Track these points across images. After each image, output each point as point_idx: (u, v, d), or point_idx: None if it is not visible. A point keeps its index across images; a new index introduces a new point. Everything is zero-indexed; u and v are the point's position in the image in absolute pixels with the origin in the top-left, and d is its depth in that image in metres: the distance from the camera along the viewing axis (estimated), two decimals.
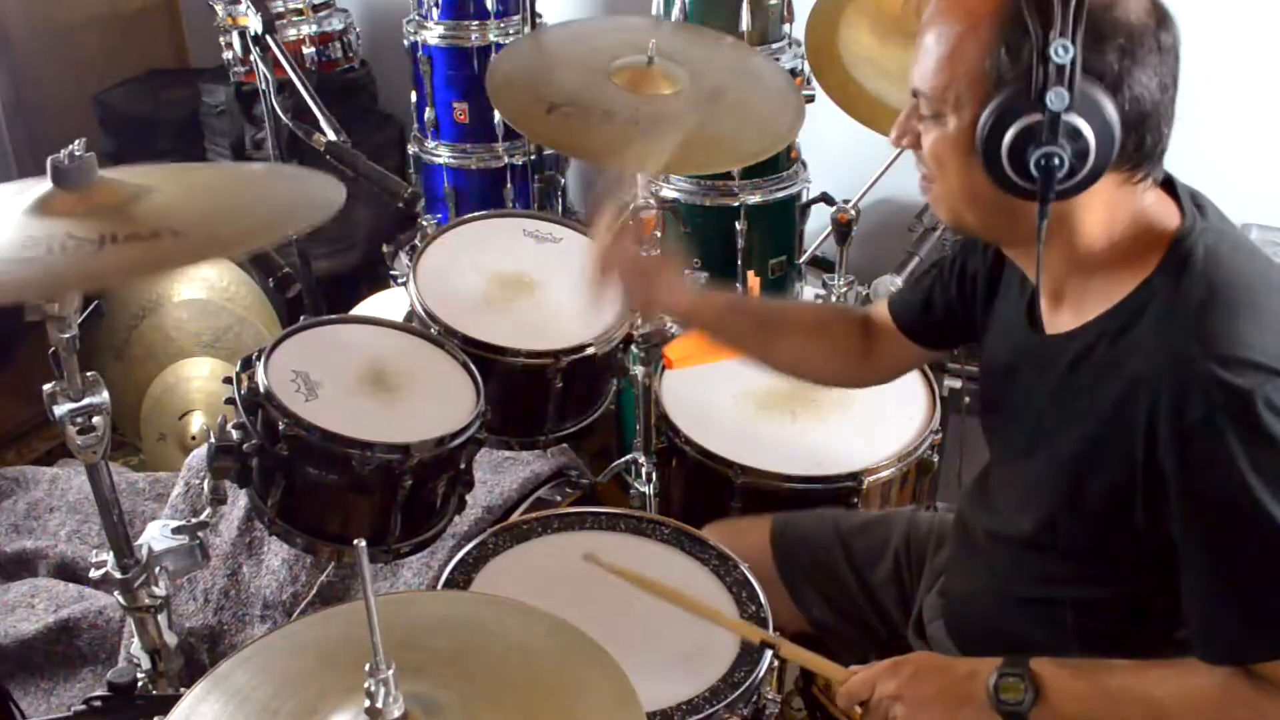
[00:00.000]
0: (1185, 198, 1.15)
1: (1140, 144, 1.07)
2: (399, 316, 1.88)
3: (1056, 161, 1.03)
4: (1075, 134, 1.02)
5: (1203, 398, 1.03)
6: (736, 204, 2.56)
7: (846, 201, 2.27)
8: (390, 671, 0.84)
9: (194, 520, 1.61)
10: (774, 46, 2.55)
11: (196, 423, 2.75)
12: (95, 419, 1.36)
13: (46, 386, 1.35)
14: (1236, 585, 1.08)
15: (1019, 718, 1.17)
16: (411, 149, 3.12)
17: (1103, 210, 1.12)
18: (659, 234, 2.37)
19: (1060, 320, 1.20)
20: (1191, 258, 1.10)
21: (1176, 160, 1.18)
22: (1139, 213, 1.13)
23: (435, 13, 2.89)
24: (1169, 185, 1.17)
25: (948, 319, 1.45)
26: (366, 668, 0.85)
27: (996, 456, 1.39)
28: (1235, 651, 1.10)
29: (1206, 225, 1.12)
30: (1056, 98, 1.01)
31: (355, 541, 0.86)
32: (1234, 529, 1.06)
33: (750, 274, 2.16)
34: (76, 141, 1.19)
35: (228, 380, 1.61)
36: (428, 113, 3.00)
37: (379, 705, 0.84)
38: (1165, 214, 1.14)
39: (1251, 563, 1.07)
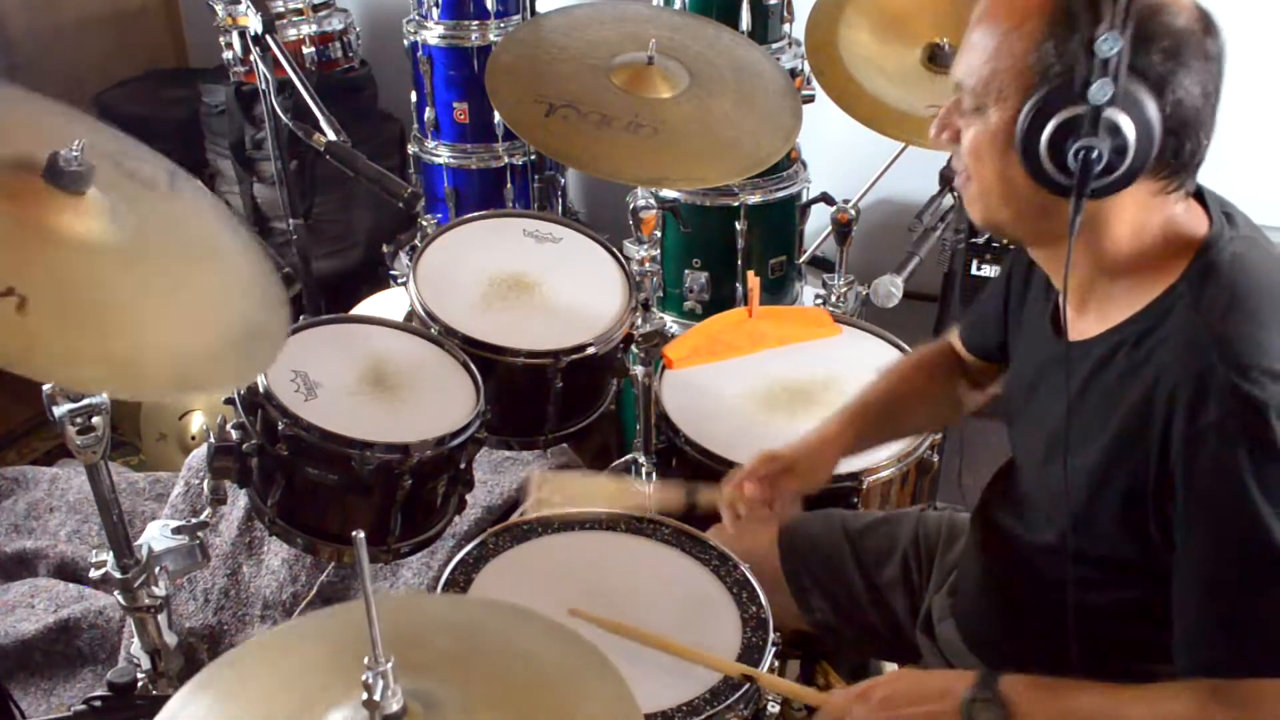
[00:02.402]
0: (1215, 207, 1.14)
1: (1179, 150, 1.07)
2: (399, 316, 1.88)
3: (1095, 155, 1.03)
4: (1116, 130, 1.02)
5: (1218, 405, 1.02)
6: (736, 204, 2.56)
7: (846, 201, 2.27)
8: (389, 665, 0.84)
9: (194, 520, 1.61)
10: (774, 46, 2.55)
11: (196, 423, 2.75)
12: (95, 419, 1.36)
13: (46, 386, 1.35)
14: (1223, 596, 1.08)
15: None
16: (411, 149, 3.12)
17: (1133, 217, 1.11)
18: (659, 234, 2.37)
19: (1084, 326, 1.19)
20: (1217, 264, 1.09)
21: None
22: (1168, 221, 1.13)
23: (435, 13, 2.89)
24: (1198, 194, 1.16)
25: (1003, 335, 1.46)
26: (365, 661, 0.84)
27: (1019, 460, 1.39)
28: (1212, 664, 1.08)
29: (1235, 234, 1.12)
30: (1100, 90, 1.01)
31: (354, 533, 0.86)
32: (1230, 539, 1.05)
33: (750, 274, 2.15)
34: (76, 141, 1.19)
35: None
36: (428, 113, 3.00)
37: (377, 698, 0.84)
38: (1194, 222, 1.14)
39: (1242, 576, 1.06)
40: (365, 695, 0.84)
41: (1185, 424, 1.04)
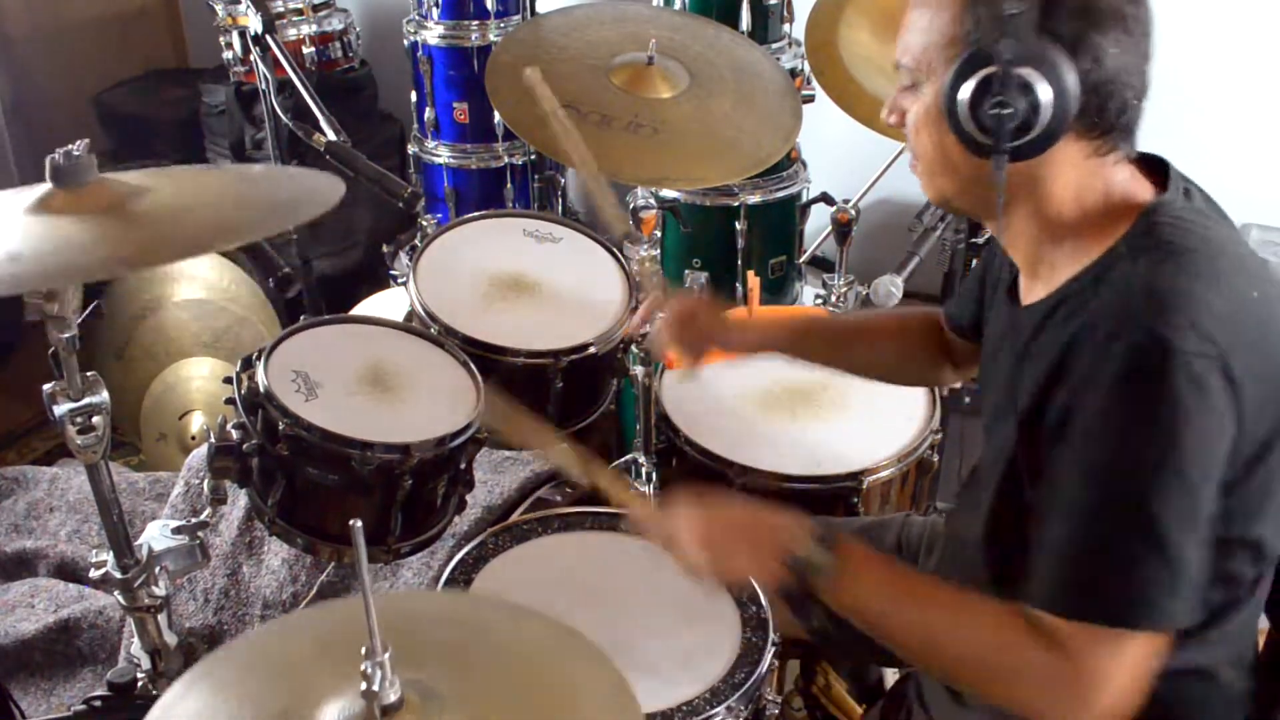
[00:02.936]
0: (1176, 182, 1.15)
1: (1103, 109, 1.08)
2: (399, 316, 1.88)
3: (1008, 112, 1.06)
4: (1028, 87, 1.05)
5: (1128, 344, 1.02)
6: (736, 204, 2.56)
7: (846, 201, 2.27)
8: (386, 655, 0.84)
9: (194, 520, 1.61)
10: (774, 46, 2.55)
11: (196, 423, 2.75)
12: (95, 419, 1.36)
13: (46, 386, 1.35)
14: (1077, 534, 1.06)
15: (808, 583, 1.16)
16: (411, 149, 3.13)
17: (1072, 180, 1.13)
18: (659, 234, 2.37)
19: (1034, 292, 1.20)
20: (1158, 225, 1.10)
21: (1173, 161, 1.19)
22: (1112, 187, 1.14)
23: (435, 13, 2.90)
24: (1162, 172, 1.17)
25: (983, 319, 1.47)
26: (363, 650, 0.84)
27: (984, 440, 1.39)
28: (1046, 596, 1.07)
29: (1187, 205, 1.12)
30: (1005, 48, 1.05)
31: (351, 522, 0.85)
32: (1099, 480, 1.04)
33: (750, 274, 2.15)
34: (78, 142, 1.19)
35: (228, 380, 1.61)
36: (428, 113, 3.00)
37: (375, 688, 0.84)
38: (1139, 189, 1.15)
39: (1100, 518, 1.05)
40: (364, 685, 0.85)
41: (1091, 359, 1.04)
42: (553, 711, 0.94)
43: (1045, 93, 1.05)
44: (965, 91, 1.08)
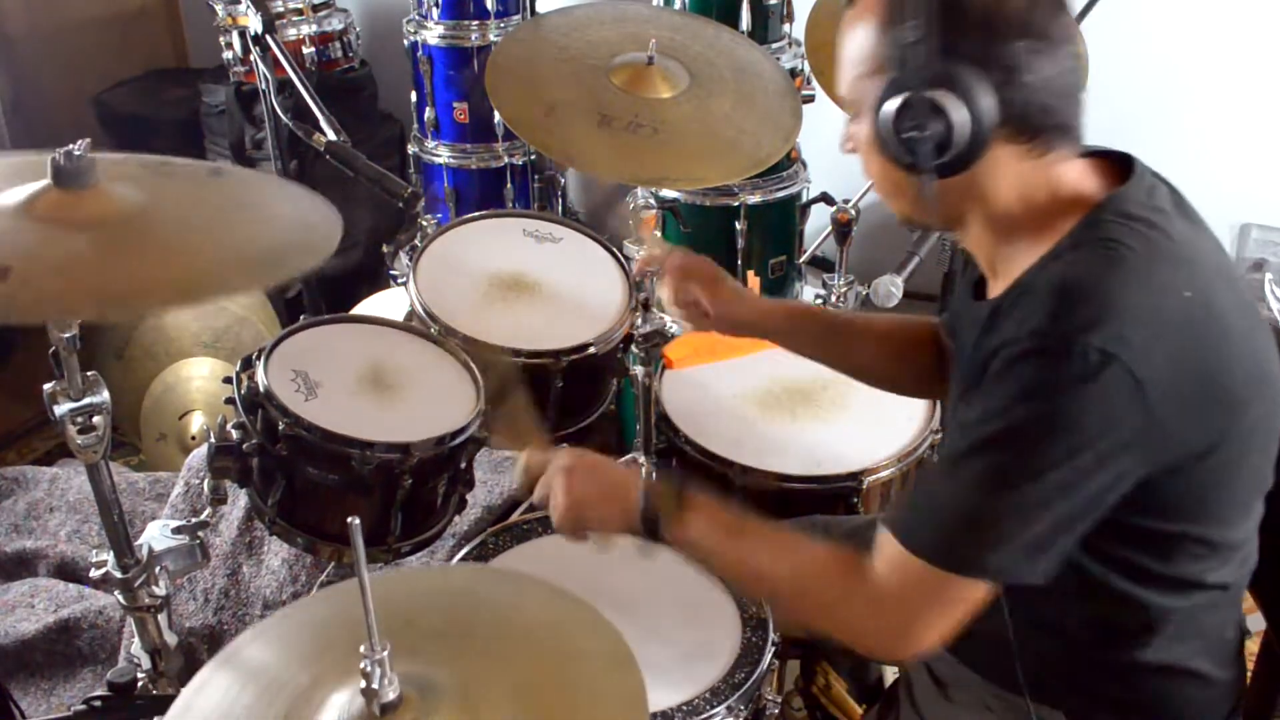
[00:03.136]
0: (1139, 178, 1.14)
1: (1025, 116, 1.09)
2: (399, 316, 1.88)
3: (925, 135, 1.08)
4: (939, 108, 1.07)
5: (1033, 329, 1.03)
6: (736, 204, 2.56)
7: (846, 201, 2.27)
8: (385, 653, 0.85)
9: (194, 520, 1.61)
10: (774, 46, 2.55)
11: (196, 423, 2.75)
12: (95, 419, 1.36)
13: (47, 386, 1.35)
14: (934, 473, 1.13)
15: (652, 532, 1.25)
16: (411, 149, 3.13)
17: (1012, 182, 1.14)
18: (659, 234, 2.37)
19: (994, 290, 1.21)
20: (1102, 223, 1.10)
21: (1174, 161, 1.19)
22: (1058, 185, 1.14)
23: (435, 13, 2.90)
24: (1126, 166, 1.16)
25: None
26: (361, 649, 0.85)
27: None
28: (890, 515, 1.14)
29: (1143, 201, 1.12)
30: (912, 74, 1.08)
31: (350, 519, 0.86)
32: (968, 433, 1.07)
33: (750, 274, 2.16)
34: (80, 142, 1.19)
35: (228, 380, 1.61)
36: (428, 113, 3.01)
37: (374, 686, 0.85)
38: (1089, 185, 1.15)
39: (956, 465, 1.08)
40: (363, 683, 0.85)
41: (1003, 339, 1.06)
42: (555, 680, 0.94)
43: (958, 110, 1.06)
44: (887, 118, 1.10)
